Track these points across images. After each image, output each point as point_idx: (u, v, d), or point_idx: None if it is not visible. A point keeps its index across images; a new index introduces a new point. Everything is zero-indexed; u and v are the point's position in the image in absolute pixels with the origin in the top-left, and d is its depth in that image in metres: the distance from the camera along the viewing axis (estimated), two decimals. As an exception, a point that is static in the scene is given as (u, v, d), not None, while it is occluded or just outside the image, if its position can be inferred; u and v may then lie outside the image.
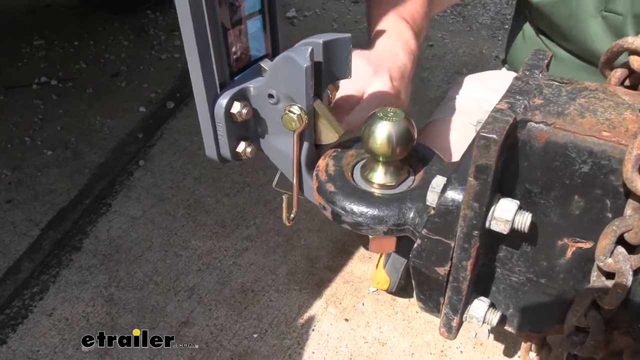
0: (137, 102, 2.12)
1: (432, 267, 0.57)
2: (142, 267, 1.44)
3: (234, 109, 0.65)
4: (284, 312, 1.33)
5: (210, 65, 0.62)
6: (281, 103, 0.66)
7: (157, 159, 1.84)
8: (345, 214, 0.63)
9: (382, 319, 1.32)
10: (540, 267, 0.57)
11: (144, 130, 1.99)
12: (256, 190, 1.72)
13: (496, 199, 0.49)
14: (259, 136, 0.73)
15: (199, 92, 0.64)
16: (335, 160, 0.70)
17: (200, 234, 1.55)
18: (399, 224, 0.62)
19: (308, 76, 0.59)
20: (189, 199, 1.67)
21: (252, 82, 0.67)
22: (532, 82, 0.51)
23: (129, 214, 1.61)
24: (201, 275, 1.42)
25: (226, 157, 0.72)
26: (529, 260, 0.58)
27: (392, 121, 0.62)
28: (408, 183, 0.69)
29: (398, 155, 0.64)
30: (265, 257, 1.48)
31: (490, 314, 0.62)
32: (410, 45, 0.85)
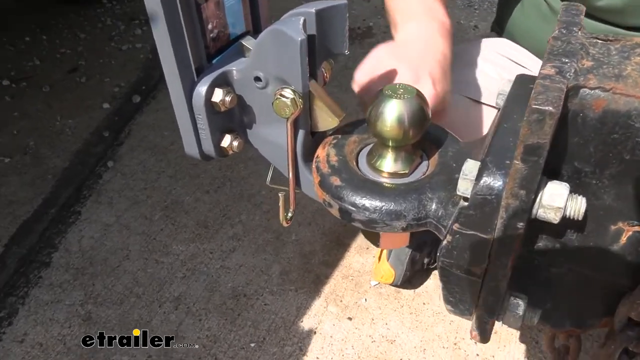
0: (99, 98, 2.03)
1: (465, 267, 0.50)
2: (121, 279, 1.37)
3: (216, 97, 0.59)
4: (281, 316, 1.27)
5: (184, 46, 0.55)
6: (270, 86, 0.59)
7: (127, 159, 1.77)
8: (357, 211, 0.56)
9: (387, 314, 1.27)
10: (587, 256, 0.52)
11: (110, 128, 1.90)
12: (238, 185, 1.65)
13: (543, 183, 0.43)
14: (246, 127, 0.66)
15: (173, 80, 0.57)
16: (337, 149, 0.63)
17: (181, 237, 1.48)
18: (420, 218, 0.56)
19: (303, 52, 0.52)
20: (166, 200, 1.60)
21: (234, 64, 0.60)
22: (574, 41, 0.44)
23: (101, 221, 1.54)
24: (187, 283, 1.35)
25: (210, 153, 0.65)
26: (574, 249, 0.52)
27: (403, 99, 0.55)
28: (422, 169, 0.62)
29: (411, 138, 0.58)
30: (255, 256, 1.42)
31: (530, 313, 0.56)
32: (445, 23, 0.80)
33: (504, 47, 1.14)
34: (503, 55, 1.13)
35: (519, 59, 1.12)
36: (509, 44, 1.15)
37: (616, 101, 0.39)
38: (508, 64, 1.12)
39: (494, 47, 1.15)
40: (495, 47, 1.14)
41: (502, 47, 1.14)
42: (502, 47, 1.14)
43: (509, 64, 1.12)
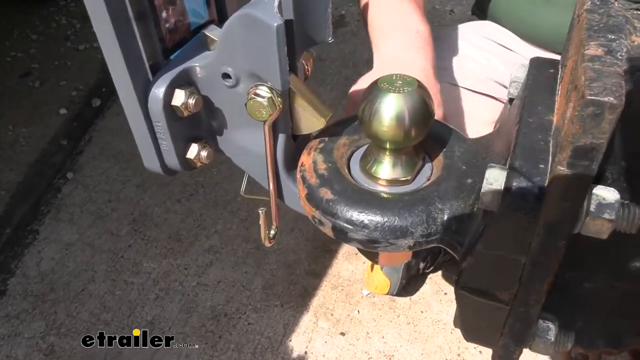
0: (56, 103, 1.95)
1: (491, 292, 0.43)
2: (86, 305, 1.29)
3: (177, 100, 0.51)
4: (267, 336, 1.21)
5: (134, 40, 0.47)
6: (242, 84, 0.51)
7: (89, 168, 1.70)
8: (354, 229, 0.49)
9: (383, 326, 1.21)
10: (630, 269, 0.46)
11: (69, 135, 1.82)
12: (212, 191, 1.59)
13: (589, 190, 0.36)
14: (215, 133, 0.58)
15: (122, 82, 0.49)
16: (324, 155, 0.55)
17: (152, 253, 1.42)
18: (429, 234, 0.48)
19: (281, 40, 0.45)
20: (133, 212, 1.54)
21: (197, 60, 0.53)
22: (614, 13, 0.37)
23: (61, 240, 1.46)
24: (160, 305, 1.29)
25: (174, 167, 0.57)
26: (614, 262, 0.46)
27: (402, 92, 0.48)
28: (425, 173, 0.55)
29: (413, 139, 0.50)
30: (235, 270, 1.36)
31: (562, 337, 0.50)
32: (421, 32, 0.77)
33: (489, 30, 1.09)
34: (489, 39, 1.08)
35: (507, 42, 1.08)
36: (494, 27, 1.10)
37: (682, 85, 0.32)
38: (496, 48, 1.07)
39: (478, 30, 1.10)
40: (480, 31, 1.10)
41: (488, 31, 1.09)
42: (487, 31, 1.09)
43: (497, 48, 1.07)
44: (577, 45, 0.37)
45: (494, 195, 0.38)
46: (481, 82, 1.01)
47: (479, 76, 1.01)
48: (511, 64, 1.08)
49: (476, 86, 1.00)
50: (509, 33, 1.09)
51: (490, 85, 1.01)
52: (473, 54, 1.05)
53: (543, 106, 0.43)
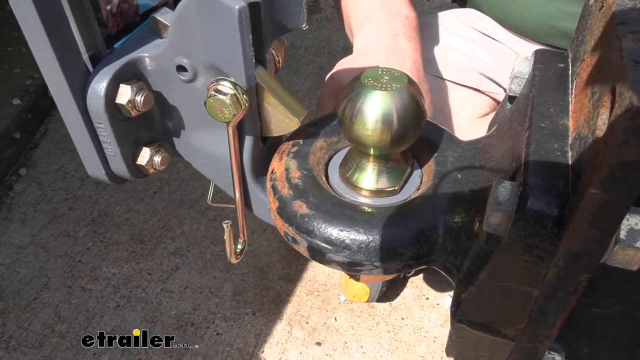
0: (8, 93, 1.85)
1: (494, 327, 0.38)
2: (39, 315, 1.22)
3: (122, 97, 0.45)
4: (237, 347, 1.16)
5: (66, 25, 0.39)
6: (201, 78, 0.45)
7: (43, 164, 1.61)
8: (334, 250, 0.43)
9: (362, 334, 1.17)
10: None
11: (22, 128, 1.74)
12: (178, 189, 1.52)
13: (619, 214, 0.30)
14: (170, 135, 0.52)
15: (54, 77, 0.42)
16: (298, 160, 0.49)
17: (112, 257, 1.35)
18: (421, 255, 0.43)
19: (244, 26, 0.38)
20: (92, 212, 1.47)
21: (146, 49, 0.46)
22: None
23: (12, 243, 1.38)
24: (121, 314, 1.22)
25: (122, 174, 0.51)
26: (630, 289, 0.41)
27: (389, 90, 0.42)
28: (415, 182, 0.50)
29: (402, 144, 0.45)
30: (203, 275, 1.30)
31: None
32: (409, 18, 0.71)
33: (472, 18, 1.05)
34: (473, 28, 1.03)
35: (492, 31, 1.03)
36: (477, 15, 1.06)
37: None
38: (480, 37, 1.03)
39: (460, 18, 1.05)
40: (462, 19, 1.05)
41: (470, 19, 1.04)
42: (470, 19, 1.04)
43: (481, 37, 1.03)
44: (604, 37, 0.31)
45: (504, 217, 0.32)
46: (465, 74, 0.96)
47: (463, 68, 0.97)
48: (497, 55, 1.03)
49: (460, 78, 0.96)
50: (493, 22, 1.04)
51: (475, 78, 0.96)
52: (456, 43, 1.00)
53: (556, 108, 0.37)
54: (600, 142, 0.26)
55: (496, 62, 1.00)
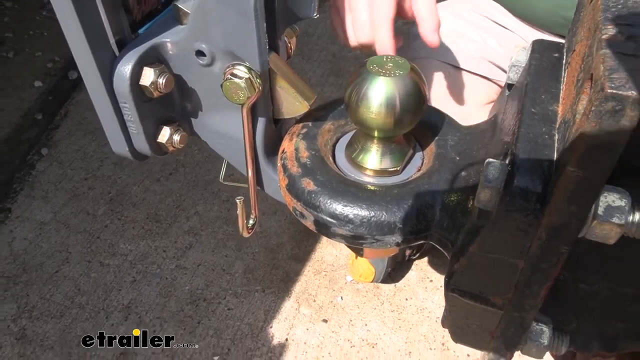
0: (30, 75, 1.87)
1: (483, 296, 0.40)
2: (60, 287, 1.25)
3: (145, 79, 0.47)
4: (247, 322, 1.18)
5: (95, 11, 0.42)
6: (218, 63, 0.48)
7: (64, 144, 1.63)
8: (338, 224, 0.46)
9: (366, 313, 1.19)
10: (629, 274, 0.43)
11: (44, 109, 1.76)
12: (193, 171, 1.54)
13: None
14: (189, 116, 0.55)
15: (85, 59, 0.45)
16: (307, 141, 0.52)
17: (129, 235, 1.37)
18: (419, 231, 0.45)
19: (258, 15, 0.41)
20: (110, 191, 1.49)
21: (168, 35, 0.49)
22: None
23: (35, 219, 1.41)
24: (137, 288, 1.25)
25: (144, 151, 0.54)
26: (614, 266, 0.43)
27: (393, 76, 0.44)
28: (416, 163, 0.52)
29: (404, 127, 0.47)
30: (215, 253, 1.32)
31: (557, 341, 0.48)
32: None
33: (484, 6, 1.05)
34: (484, 16, 1.04)
35: (503, 20, 1.03)
36: (489, 3, 1.06)
37: None
38: (491, 25, 1.03)
39: (472, 6, 1.05)
40: (473, 7, 1.05)
41: (482, 7, 1.05)
42: (481, 7, 1.05)
43: (492, 25, 1.03)
44: (591, 29, 0.33)
45: (492, 193, 0.35)
46: (475, 62, 0.97)
47: (473, 55, 0.97)
48: (507, 44, 1.03)
49: (469, 65, 0.96)
50: (504, 10, 1.04)
51: (484, 66, 0.97)
52: (466, 31, 1.00)
53: (547, 95, 0.39)
54: (579, 125, 0.29)
55: (506, 50, 1.00)
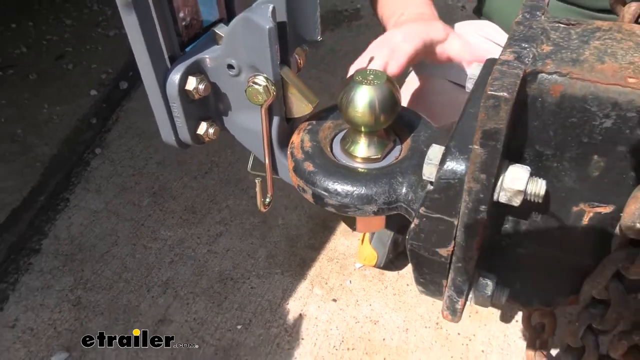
0: (86, 85, 2.01)
1: (432, 249, 0.51)
2: (110, 265, 1.37)
3: (189, 85, 0.58)
4: (267, 299, 1.28)
5: (155, 34, 0.55)
6: (243, 74, 0.59)
7: (115, 145, 1.76)
8: (329, 196, 0.57)
9: (371, 295, 1.28)
10: (552, 237, 0.53)
11: (98, 115, 1.89)
12: (225, 170, 1.64)
13: (504, 166, 0.43)
14: (221, 114, 0.66)
15: (146, 70, 0.57)
16: (311, 135, 0.63)
17: (169, 223, 1.48)
18: (390, 202, 0.56)
19: (272, 39, 0.52)
20: (154, 186, 1.60)
21: (207, 52, 0.60)
22: (535, 26, 0.45)
23: (89, 208, 1.53)
24: (174, 268, 1.36)
25: (186, 141, 0.65)
26: (539, 230, 0.53)
27: (373, 85, 0.56)
28: (395, 154, 0.63)
29: (382, 123, 0.58)
30: (242, 241, 1.42)
31: (498, 292, 0.57)
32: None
33: (485, 28, 1.12)
34: (486, 38, 1.11)
35: (501, 40, 1.11)
36: (490, 25, 1.13)
37: (573, 86, 0.39)
38: (492, 46, 1.11)
39: (475, 28, 1.13)
40: (477, 29, 1.13)
41: (484, 29, 1.12)
42: (484, 29, 1.12)
43: (492, 46, 1.11)
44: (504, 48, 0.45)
45: (432, 168, 0.46)
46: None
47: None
48: None
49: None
50: (501, 30, 1.12)
51: None
52: None
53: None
54: (480, 116, 0.39)
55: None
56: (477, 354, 1.15)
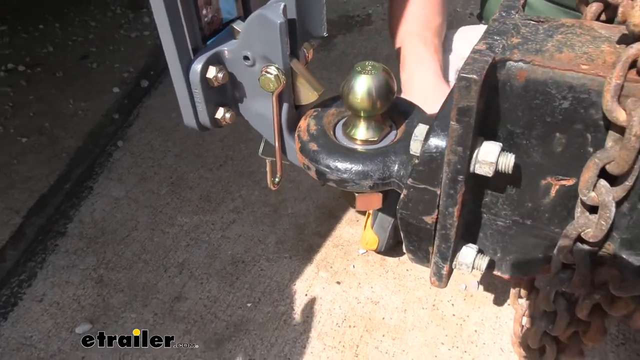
0: (109, 83, 2.07)
1: (419, 217, 0.57)
2: (130, 247, 1.43)
3: (210, 74, 0.65)
4: (275, 280, 1.33)
5: (181, 29, 0.61)
6: (257, 64, 0.65)
7: (136, 139, 1.81)
8: (330, 172, 0.63)
9: (373, 279, 1.33)
10: (525, 209, 0.58)
11: (120, 110, 1.95)
12: (239, 163, 1.70)
13: (479, 142, 0.49)
14: (237, 101, 0.72)
15: (173, 59, 0.63)
16: (316, 120, 0.69)
17: (185, 210, 1.54)
18: (384, 178, 0.62)
19: (283, 33, 0.58)
20: (172, 176, 1.66)
21: (226, 45, 0.66)
22: (508, 22, 0.51)
23: (111, 196, 1.59)
24: (190, 251, 1.42)
25: (205, 124, 0.71)
26: (514, 203, 0.58)
27: (370, 74, 0.62)
28: (391, 137, 0.69)
29: (379, 109, 0.64)
30: (253, 227, 1.48)
31: (479, 260, 0.63)
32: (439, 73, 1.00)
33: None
34: None
35: None
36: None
37: (535, 71, 0.45)
38: None
39: (478, 34, 1.19)
40: (478, 33, 1.18)
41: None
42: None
43: None
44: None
45: (418, 144, 0.52)
46: None
47: None
48: None
49: None
50: None
51: None
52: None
53: (465, 88, 0.56)
54: (454, 96, 0.46)
55: None
56: (470, 333, 1.20)
